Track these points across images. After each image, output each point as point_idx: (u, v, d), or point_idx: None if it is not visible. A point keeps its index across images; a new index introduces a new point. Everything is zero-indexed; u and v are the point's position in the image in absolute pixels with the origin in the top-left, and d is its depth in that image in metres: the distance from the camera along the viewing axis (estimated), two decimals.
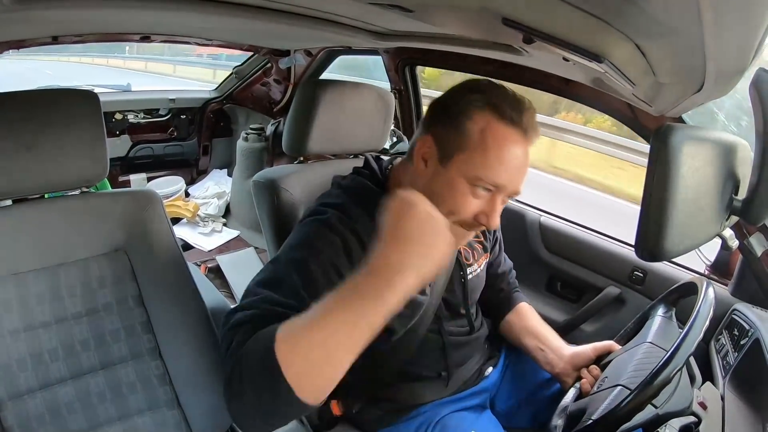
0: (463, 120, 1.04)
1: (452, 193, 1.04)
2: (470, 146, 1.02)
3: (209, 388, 1.32)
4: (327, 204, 1.12)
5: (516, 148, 1.02)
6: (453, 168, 1.04)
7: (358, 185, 1.18)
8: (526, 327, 1.44)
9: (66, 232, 1.27)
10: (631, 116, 1.58)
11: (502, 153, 1.01)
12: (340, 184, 1.22)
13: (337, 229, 1.05)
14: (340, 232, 1.05)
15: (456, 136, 1.04)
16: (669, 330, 1.16)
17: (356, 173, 1.23)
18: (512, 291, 1.54)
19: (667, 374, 0.89)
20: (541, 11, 0.82)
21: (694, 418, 0.98)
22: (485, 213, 1.05)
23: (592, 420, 0.98)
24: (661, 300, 1.25)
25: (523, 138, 1.03)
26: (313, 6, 1.43)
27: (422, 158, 1.10)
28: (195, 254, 3.27)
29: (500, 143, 1.01)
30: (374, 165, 1.22)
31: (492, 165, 1.01)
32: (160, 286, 1.35)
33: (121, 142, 3.45)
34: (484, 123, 1.02)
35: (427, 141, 1.09)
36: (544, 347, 1.37)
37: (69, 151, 1.23)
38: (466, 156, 1.03)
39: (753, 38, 0.63)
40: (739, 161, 0.95)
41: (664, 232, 0.79)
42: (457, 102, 1.07)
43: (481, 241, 1.42)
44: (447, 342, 1.30)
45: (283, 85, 3.23)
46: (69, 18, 1.60)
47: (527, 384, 1.43)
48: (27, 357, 1.19)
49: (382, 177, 1.20)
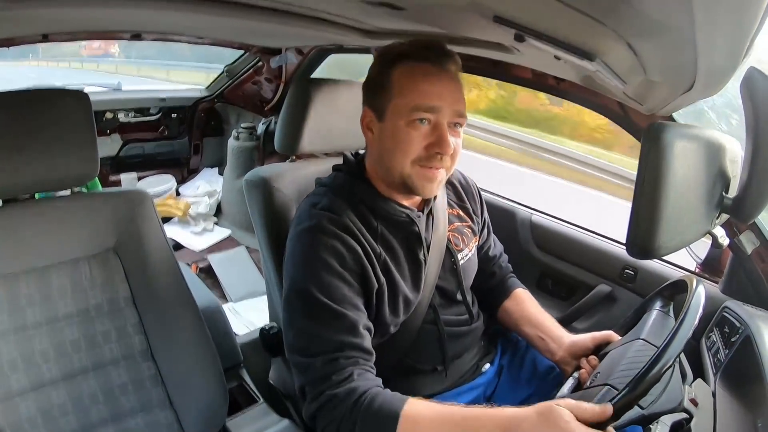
0: (383, 79, 1.16)
1: (397, 138, 1.13)
2: (394, 93, 1.13)
3: (202, 388, 1.32)
4: (314, 204, 1.18)
5: (433, 75, 1.13)
6: (389, 119, 1.14)
7: (338, 180, 1.25)
8: (525, 315, 1.44)
9: (56, 232, 1.27)
10: (623, 115, 1.59)
11: (418, 82, 1.12)
12: (322, 182, 1.28)
13: (330, 230, 1.11)
14: (332, 233, 1.11)
15: (382, 94, 1.15)
16: (665, 325, 1.17)
17: (336, 170, 1.30)
18: (506, 276, 1.54)
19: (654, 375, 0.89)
20: (533, 9, 0.83)
21: (686, 415, 0.98)
22: (433, 142, 1.12)
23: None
24: (659, 293, 1.25)
25: (438, 66, 1.14)
26: (304, 4, 1.43)
27: (367, 128, 1.21)
28: (186, 254, 3.26)
29: (415, 76, 1.13)
30: (350, 157, 1.30)
31: (415, 95, 1.11)
32: (152, 286, 1.34)
33: (111, 142, 3.44)
34: (400, 71, 1.14)
35: (366, 112, 1.21)
36: (544, 336, 1.37)
37: (59, 151, 1.22)
38: (395, 102, 1.13)
39: (744, 37, 0.63)
40: (729, 159, 0.96)
41: (655, 230, 0.80)
42: (376, 70, 1.20)
43: (469, 225, 1.43)
44: (444, 332, 1.30)
45: (275, 83, 3.22)
46: (59, 16, 1.59)
47: (526, 382, 1.43)
48: (18, 358, 1.18)
49: (357, 166, 1.26)
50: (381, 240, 1.19)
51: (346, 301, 1.07)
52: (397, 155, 1.13)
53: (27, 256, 1.23)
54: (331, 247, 1.10)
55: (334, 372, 1.02)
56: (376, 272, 1.15)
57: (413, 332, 1.26)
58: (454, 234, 1.36)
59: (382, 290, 1.16)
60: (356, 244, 1.12)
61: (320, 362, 1.03)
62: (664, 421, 0.96)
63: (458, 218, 1.41)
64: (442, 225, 1.31)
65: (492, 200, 2.16)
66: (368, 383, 1.01)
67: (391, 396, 0.99)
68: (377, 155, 1.19)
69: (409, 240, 1.24)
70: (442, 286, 1.31)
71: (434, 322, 1.29)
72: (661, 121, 1.41)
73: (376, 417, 0.95)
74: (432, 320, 1.29)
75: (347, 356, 1.04)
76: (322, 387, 1.02)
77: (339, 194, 1.20)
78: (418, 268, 1.24)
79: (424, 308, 1.27)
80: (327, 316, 1.06)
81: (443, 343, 1.30)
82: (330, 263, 1.08)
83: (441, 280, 1.30)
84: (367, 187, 1.22)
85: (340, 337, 1.04)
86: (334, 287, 1.07)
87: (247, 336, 1.93)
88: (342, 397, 0.99)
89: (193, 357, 1.34)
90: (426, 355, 1.30)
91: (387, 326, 1.20)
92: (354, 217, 1.16)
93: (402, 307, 1.21)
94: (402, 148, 1.12)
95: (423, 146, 1.12)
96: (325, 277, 1.08)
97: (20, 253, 1.22)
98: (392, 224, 1.21)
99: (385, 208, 1.20)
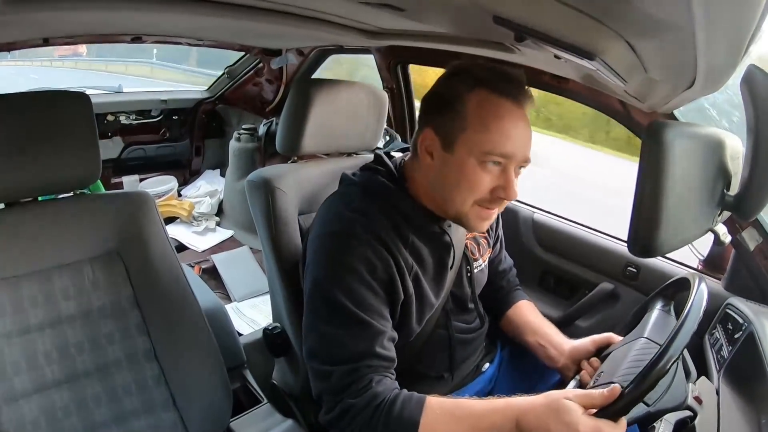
0: (457, 103, 1.07)
1: (464, 174, 1.07)
2: (469, 125, 1.05)
3: (205, 389, 1.32)
4: (346, 204, 1.15)
5: (512, 116, 1.06)
6: (458, 151, 1.07)
7: (374, 182, 1.19)
8: (526, 323, 1.43)
9: (59, 234, 1.27)
10: (624, 113, 1.59)
11: (501, 123, 1.05)
12: (354, 181, 1.22)
13: (362, 237, 1.08)
14: (365, 240, 1.08)
15: (454, 120, 1.07)
16: (667, 323, 1.16)
17: (368, 169, 1.23)
18: (512, 289, 1.53)
19: (658, 371, 0.89)
20: (532, 9, 0.83)
21: (690, 413, 0.98)
22: (501, 186, 1.07)
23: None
24: (659, 293, 1.25)
25: (518, 105, 1.07)
26: (304, 5, 1.43)
27: (427, 152, 1.12)
28: (189, 255, 3.25)
29: (496, 114, 1.05)
30: (388, 161, 1.23)
31: (494, 136, 1.04)
32: (155, 287, 1.34)
33: (113, 144, 3.44)
34: (477, 100, 1.06)
35: (428, 133, 1.11)
36: (544, 343, 1.36)
37: (61, 154, 1.22)
38: (468, 135, 1.06)
39: (744, 34, 0.63)
40: (730, 157, 0.96)
41: (657, 227, 0.79)
42: (448, 88, 1.11)
43: (485, 236, 1.42)
44: (454, 338, 1.30)
45: (275, 84, 3.23)
46: (60, 20, 1.59)
47: (527, 380, 1.43)
48: (21, 361, 1.18)
49: (397, 173, 1.21)
50: (412, 250, 1.16)
51: (372, 309, 1.06)
52: (461, 192, 1.09)
53: (29, 259, 1.23)
54: (362, 254, 1.07)
55: (354, 381, 1.02)
56: (406, 283, 1.13)
57: (425, 336, 1.25)
58: (471, 242, 1.36)
59: (410, 300, 1.15)
60: (387, 253, 1.09)
61: (341, 371, 1.04)
62: (668, 419, 0.96)
63: None
64: (462, 232, 1.29)
65: None
66: (386, 389, 1.02)
67: (410, 398, 1.00)
68: (434, 181, 1.14)
69: (439, 249, 1.21)
70: (455, 292, 1.31)
71: (446, 327, 1.29)
72: (662, 119, 1.41)
73: (399, 422, 0.97)
74: (444, 325, 1.28)
75: (368, 365, 1.04)
76: (341, 395, 1.03)
77: (373, 198, 1.15)
78: (443, 274, 1.23)
79: (438, 313, 1.26)
80: (352, 324, 1.05)
81: (453, 348, 1.30)
82: (359, 270, 1.06)
83: (455, 287, 1.30)
84: (405, 197, 1.17)
85: (364, 347, 1.04)
86: (361, 295, 1.06)
87: (251, 336, 1.94)
88: (361, 406, 1.00)
89: (197, 358, 1.34)
90: (435, 361, 1.30)
91: (410, 333, 1.20)
92: (387, 224, 1.12)
93: (427, 314, 1.21)
94: (467, 186, 1.08)
95: (489, 189, 1.08)
96: (353, 283, 1.06)
97: (23, 256, 1.22)
98: (424, 234, 1.18)
99: (420, 220, 1.17)
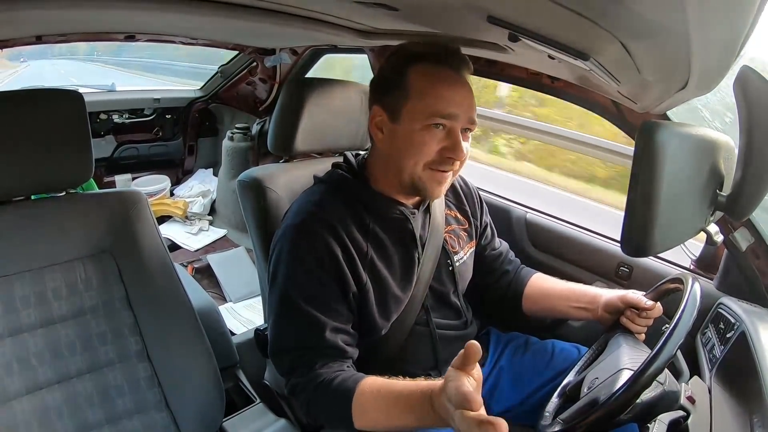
0: (399, 78, 1.15)
1: (411, 140, 1.14)
2: (411, 94, 1.14)
3: (198, 389, 1.32)
4: (307, 200, 1.21)
5: (450, 80, 1.14)
6: (404, 120, 1.15)
7: (336, 178, 1.26)
8: (549, 293, 1.44)
9: (52, 234, 1.26)
10: (617, 113, 1.59)
11: (440, 87, 1.13)
12: (320, 179, 1.29)
13: (311, 229, 1.14)
14: (314, 231, 1.14)
15: (397, 93, 1.15)
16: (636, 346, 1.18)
17: (334, 167, 1.30)
18: (518, 268, 1.53)
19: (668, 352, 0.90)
20: (527, 9, 0.83)
21: (683, 413, 0.99)
22: (448, 147, 1.14)
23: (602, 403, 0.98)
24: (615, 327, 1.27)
25: (455, 71, 1.16)
26: (298, 5, 1.43)
27: (377, 128, 1.20)
28: (182, 255, 3.24)
29: (433, 80, 1.13)
30: (351, 158, 1.29)
31: (433, 100, 1.12)
32: (147, 287, 1.34)
33: (105, 143, 3.43)
34: (416, 72, 1.14)
35: (377, 111, 1.20)
36: (575, 304, 1.37)
37: (54, 152, 1.22)
38: (411, 104, 1.13)
39: (737, 35, 0.63)
40: (723, 157, 0.96)
41: (650, 227, 0.80)
42: (390, 67, 1.20)
43: (465, 229, 1.43)
44: (436, 334, 1.30)
45: (269, 84, 3.22)
46: (53, 18, 1.58)
47: (524, 384, 1.41)
48: (13, 361, 1.18)
49: (358, 167, 1.27)
50: (371, 238, 1.19)
51: (320, 303, 1.12)
52: (411, 157, 1.14)
53: (21, 258, 1.22)
54: (311, 246, 1.12)
55: (300, 365, 1.11)
56: (358, 272, 1.16)
57: (405, 332, 1.26)
58: (450, 235, 1.36)
59: (367, 289, 1.18)
60: (338, 243, 1.14)
61: (290, 357, 1.14)
62: (662, 420, 0.96)
63: (455, 220, 1.41)
64: (440, 224, 1.31)
65: (486, 198, 2.16)
66: (330, 371, 1.09)
67: (349, 376, 1.07)
68: (386, 155, 1.20)
69: (403, 238, 1.24)
70: (435, 287, 1.31)
71: (426, 324, 1.29)
72: (655, 119, 1.42)
73: (334, 395, 1.05)
74: (424, 322, 1.29)
75: (315, 353, 1.11)
76: (290, 376, 1.14)
77: (333, 191, 1.22)
78: (411, 266, 1.25)
79: (416, 308, 1.27)
80: (301, 317, 1.11)
81: (435, 345, 1.30)
82: (307, 262, 1.12)
83: (435, 281, 1.31)
84: (363, 184, 1.23)
85: (310, 338, 1.11)
86: (310, 289, 1.12)
87: (243, 336, 1.93)
88: (304, 383, 1.09)
89: (189, 358, 1.33)
90: (418, 359, 1.30)
91: (377, 326, 1.21)
92: (344, 214, 1.17)
93: (392, 306, 1.22)
94: (416, 151, 1.14)
95: (437, 150, 1.13)
96: (300, 276, 1.13)
97: (14, 255, 1.22)
98: (386, 222, 1.22)
99: (379, 206, 1.21)
